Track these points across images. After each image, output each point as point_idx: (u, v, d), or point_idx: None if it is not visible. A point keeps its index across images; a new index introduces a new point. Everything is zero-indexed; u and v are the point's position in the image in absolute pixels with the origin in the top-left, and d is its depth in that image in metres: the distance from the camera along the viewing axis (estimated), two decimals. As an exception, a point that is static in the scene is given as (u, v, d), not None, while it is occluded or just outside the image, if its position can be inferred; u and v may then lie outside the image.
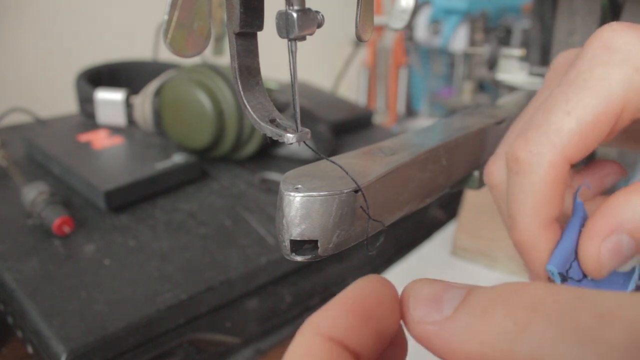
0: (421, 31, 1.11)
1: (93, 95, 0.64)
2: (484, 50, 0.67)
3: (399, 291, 0.17)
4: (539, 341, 0.13)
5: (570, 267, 0.21)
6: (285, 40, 0.21)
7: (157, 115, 0.60)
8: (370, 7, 0.24)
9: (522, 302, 0.14)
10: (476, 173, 0.29)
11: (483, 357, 0.14)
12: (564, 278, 0.21)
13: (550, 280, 0.21)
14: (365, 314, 0.16)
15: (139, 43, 0.86)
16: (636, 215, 0.20)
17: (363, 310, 0.16)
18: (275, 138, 0.21)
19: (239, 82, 0.21)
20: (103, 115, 0.64)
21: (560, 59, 0.26)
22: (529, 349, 0.13)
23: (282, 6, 0.20)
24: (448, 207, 0.62)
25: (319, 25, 0.21)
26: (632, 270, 0.22)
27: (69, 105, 0.74)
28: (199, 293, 0.41)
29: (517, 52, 0.56)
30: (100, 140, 0.59)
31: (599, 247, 0.20)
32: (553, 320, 0.13)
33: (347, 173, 0.21)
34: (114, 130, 0.62)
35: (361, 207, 0.21)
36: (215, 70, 0.57)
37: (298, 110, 0.21)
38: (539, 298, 0.14)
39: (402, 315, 0.16)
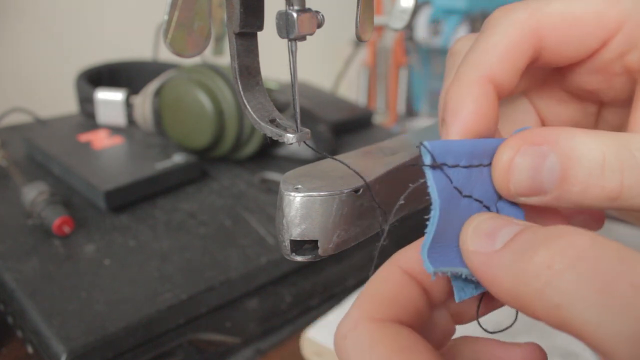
0: (421, 31, 1.11)
1: (93, 95, 0.64)
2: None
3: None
4: (568, 290, 0.13)
5: (456, 165, 0.18)
6: (285, 40, 0.21)
7: (157, 115, 0.60)
8: (370, 7, 0.24)
9: (564, 250, 0.14)
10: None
11: (517, 292, 0.15)
12: (435, 165, 0.17)
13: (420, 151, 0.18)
14: None
15: (139, 43, 0.86)
16: (574, 144, 0.17)
17: None
18: (275, 138, 0.21)
19: (239, 82, 0.21)
20: (103, 115, 0.64)
21: (458, 44, 0.25)
22: (557, 294, 0.13)
23: (282, 6, 0.20)
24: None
25: (319, 25, 0.21)
26: None
27: (69, 105, 0.74)
28: (199, 293, 0.41)
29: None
30: (100, 140, 0.59)
31: (513, 155, 0.17)
32: (589, 277, 0.13)
33: (349, 167, 0.21)
34: (114, 130, 0.62)
35: (372, 196, 0.21)
36: (215, 70, 0.57)
37: (298, 110, 0.21)
38: (582, 250, 0.14)
39: (462, 242, 0.17)
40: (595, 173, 0.16)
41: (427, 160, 0.17)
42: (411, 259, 0.19)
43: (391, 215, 0.20)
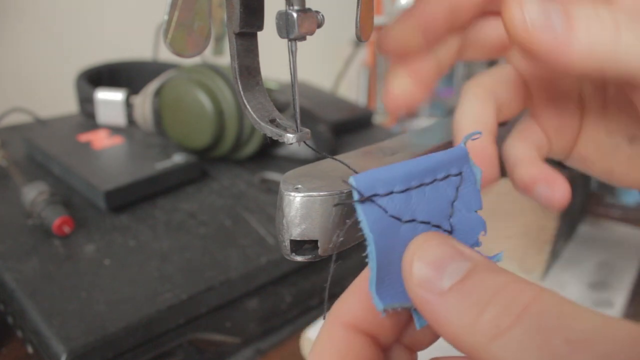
0: (421, 31, 1.11)
1: (93, 95, 0.64)
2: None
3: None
4: (512, 348, 0.14)
5: (389, 192, 0.17)
6: (285, 40, 0.21)
7: (157, 115, 0.60)
8: (370, 7, 0.24)
9: (509, 306, 0.14)
10: (476, 173, 0.29)
11: (461, 340, 0.15)
12: (364, 199, 0.17)
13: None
14: None
15: (139, 43, 0.86)
16: None
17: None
18: (275, 138, 0.21)
19: (239, 82, 0.21)
20: (103, 115, 0.64)
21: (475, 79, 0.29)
22: (502, 350, 0.14)
23: (282, 6, 0.20)
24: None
25: (319, 25, 0.21)
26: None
27: (69, 105, 0.74)
28: (199, 293, 0.41)
29: (517, 52, 0.56)
30: (100, 140, 0.59)
31: (521, 2, 0.19)
32: (531, 335, 0.13)
33: (349, 167, 0.21)
34: (114, 130, 0.62)
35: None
36: (215, 70, 0.57)
37: (298, 110, 0.21)
38: (525, 306, 0.14)
39: (404, 266, 0.16)
40: (593, 19, 0.19)
41: (356, 195, 0.17)
42: (350, 309, 0.19)
43: (334, 249, 0.19)
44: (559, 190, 0.24)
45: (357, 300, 0.19)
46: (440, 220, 0.18)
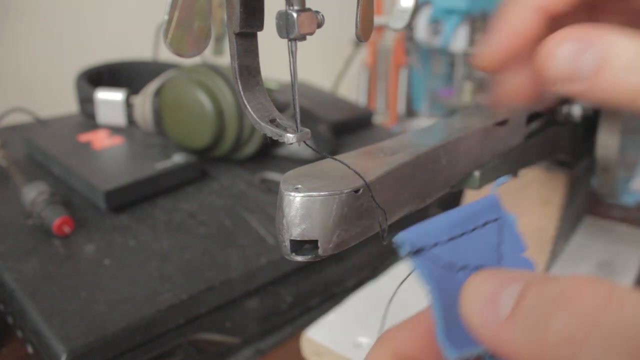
0: (421, 31, 1.11)
1: (93, 95, 0.64)
2: (484, 50, 0.67)
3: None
4: (599, 357, 0.12)
5: (436, 244, 0.18)
6: (285, 40, 0.21)
7: (157, 115, 0.60)
8: (370, 7, 0.24)
9: (581, 313, 0.13)
10: (476, 173, 0.29)
11: (544, 358, 0.13)
12: (414, 251, 0.17)
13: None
14: (433, 337, 0.17)
15: (139, 43, 0.86)
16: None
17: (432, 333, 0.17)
18: (275, 138, 0.21)
19: (239, 82, 0.21)
20: (103, 115, 0.64)
21: None
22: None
23: (282, 6, 0.20)
24: (448, 207, 0.62)
25: (319, 25, 0.21)
26: None
27: (69, 105, 0.74)
28: (199, 293, 0.41)
29: (517, 52, 0.56)
30: (100, 140, 0.59)
31: (555, 46, 0.20)
32: (613, 341, 0.12)
33: (349, 167, 0.21)
34: (114, 130, 0.62)
35: (371, 196, 0.21)
36: (215, 70, 0.57)
37: (298, 110, 0.21)
38: (600, 308, 0.13)
39: (462, 313, 0.16)
40: (625, 69, 0.19)
41: (405, 251, 0.17)
42: (405, 341, 0.18)
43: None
44: None
45: (413, 334, 0.19)
46: (492, 264, 0.19)
